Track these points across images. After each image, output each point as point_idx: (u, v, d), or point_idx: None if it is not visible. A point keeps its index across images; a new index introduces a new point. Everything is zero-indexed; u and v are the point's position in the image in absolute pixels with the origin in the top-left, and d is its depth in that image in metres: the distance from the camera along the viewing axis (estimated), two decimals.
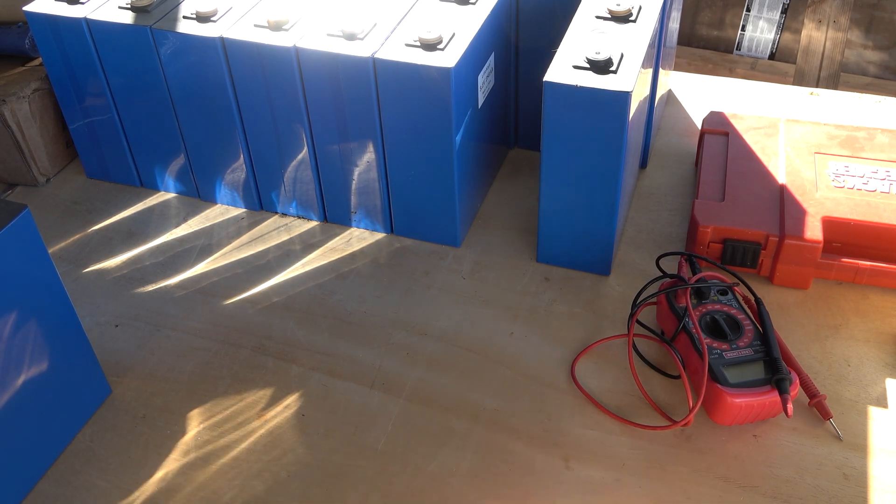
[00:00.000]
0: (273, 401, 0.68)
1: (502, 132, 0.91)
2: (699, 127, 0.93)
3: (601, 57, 0.68)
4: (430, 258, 0.81)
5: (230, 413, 0.67)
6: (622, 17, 0.74)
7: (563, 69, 0.69)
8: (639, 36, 0.73)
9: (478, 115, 0.79)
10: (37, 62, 0.93)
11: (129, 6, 0.80)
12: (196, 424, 0.66)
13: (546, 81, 0.68)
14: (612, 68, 0.68)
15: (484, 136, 0.83)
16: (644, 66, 0.71)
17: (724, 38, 2.53)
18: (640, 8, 0.76)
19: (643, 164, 0.91)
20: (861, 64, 2.42)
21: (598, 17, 0.75)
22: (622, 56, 0.70)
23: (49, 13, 0.80)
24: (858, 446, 0.63)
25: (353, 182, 0.81)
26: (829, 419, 0.64)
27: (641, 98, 0.75)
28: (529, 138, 0.93)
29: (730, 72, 2.48)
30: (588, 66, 0.69)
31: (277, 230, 0.85)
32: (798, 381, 0.63)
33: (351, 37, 0.73)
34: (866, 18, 2.36)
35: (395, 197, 0.80)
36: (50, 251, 0.71)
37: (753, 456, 0.62)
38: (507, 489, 0.61)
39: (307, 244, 0.83)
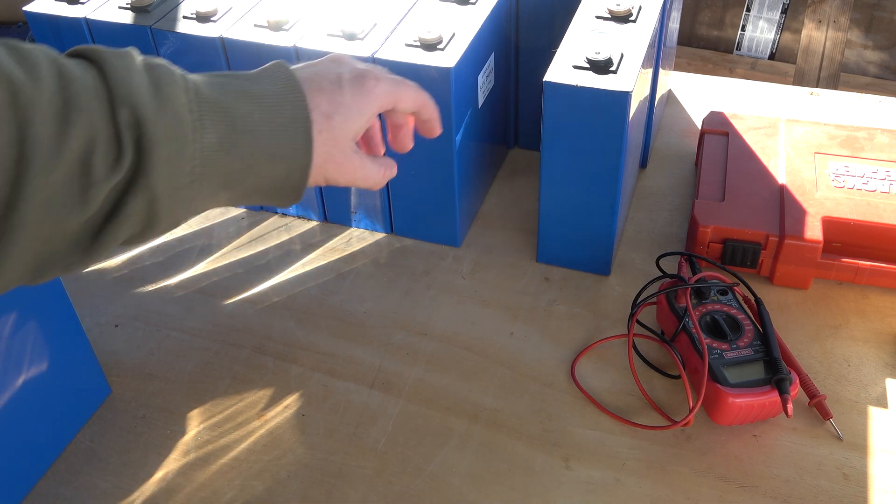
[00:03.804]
0: (273, 401, 0.68)
1: (502, 132, 0.91)
2: (699, 127, 0.93)
3: (601, 57, 0.68)
4: (430, 258, 0.81)
5: (230, 413, 0.67)
6: (622, 17, 0.74)
7: (563, 69, 0.69)
8: (639, 36, 0.73)
9: (478, 115, 0.79)
10: None
11: (129, 6, 0.80)
12: (196, 424, 0.66)
13: (546, 81, 0.68)
14: (612, 68, 0.68)
15: (484, 136, 0.83)
16: (644, 66, 0.71)
17: (724, 38, 2.53)
18: (640, 8, 0.76)
19: (643, 164, 0.91)
20: (861, 64, 2.42)
21: (598, 17, 0.75)
22: (622, 56, 0.70)
23: (49, 13, 0.80)
24: (858, 446, 0.63)
25: None
26: (829, 419, 0.64)
27: (641, 98, 0.75)
28: (529, 138, 0.93)
29: (730, 72, 2.49)
30: (588, 66, 0.69)
31: (277, 230, 0.85)
32: (798, 381, 0.63)
33: (351, 37, 0.73)
34: (866, 18, 2.36)
35: (395, 197, 0.80)
36: None
37: (753, 456, 0.62)
38: (507, 489, 0.61)
39: (307, 244, 0.83)
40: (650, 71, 0.80)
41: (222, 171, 0.42)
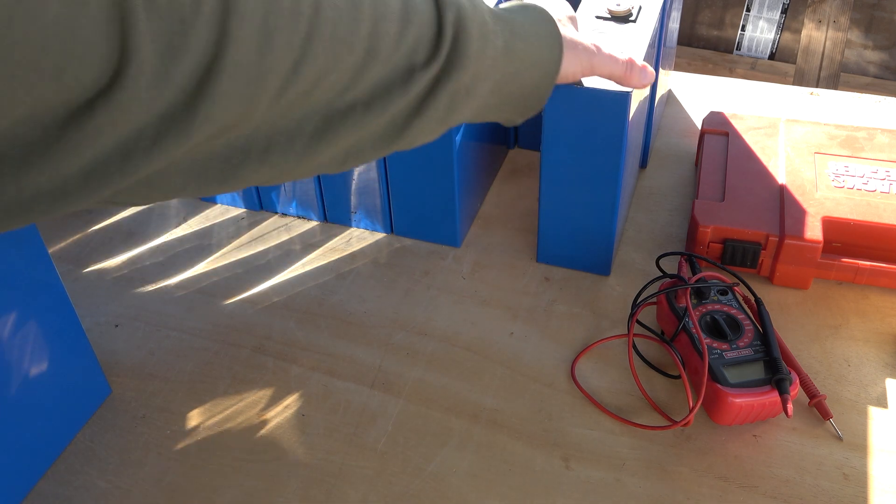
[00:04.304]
0: (273, 401, 0.68)
1: (502, 132, 0.91)
2: (699, 127, 0.93)
3: None
4: (430, 258, 0.81)
5: (230, 413, 0.67)
6: (622, 17, 0.74)
7: None
8: (639, 36, 0.73)
9: None
10: None
11: None
12: (196, 424, 0.66)
13: None
14: None
15: (484, 136, 0.83)
16: None
17: (724, 38, 2.53)
18: (640, 8, 0.76)
19: (643, 164, 0.91)
20: (861, 64, 2.42)
21: (598, 17, 0.75)
22: None
23: None
24: (858, 446, 0.63)
25: (353, 182, 0.81)
26: (829, 419, 0.64)
27: (641, 98, 0.75)
28: (529, 138, 0.93)
29: (730, 72, 2.49)
30: None
31: (277, 230, 0.85)
32: (798, 381, 0.63)
33: None
34: (866, 18, 2.36)
35: (395, 197, 0.80)
36: (50, 251, 0.71)
37: (753, 456, 0.62)
38: (507, 489, 0.61)
39: (307, 244, 0.83)
40: None
41: (499, 73, 0.48)
